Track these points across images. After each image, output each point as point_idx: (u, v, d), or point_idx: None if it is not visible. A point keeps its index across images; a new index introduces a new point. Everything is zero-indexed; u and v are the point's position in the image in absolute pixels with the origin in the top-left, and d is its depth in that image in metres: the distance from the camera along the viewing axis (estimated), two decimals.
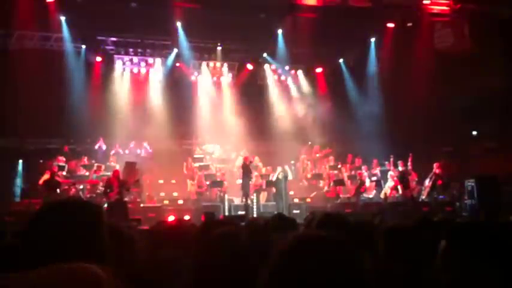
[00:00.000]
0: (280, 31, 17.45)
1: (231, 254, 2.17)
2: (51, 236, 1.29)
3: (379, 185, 15.34)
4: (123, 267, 1.42)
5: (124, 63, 17.92)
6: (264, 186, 15.16)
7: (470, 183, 13.46)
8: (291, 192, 15.60)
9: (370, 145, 16.84)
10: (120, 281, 1.27)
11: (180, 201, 14.91)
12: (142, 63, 18.22)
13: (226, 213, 13.47)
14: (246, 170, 14.24)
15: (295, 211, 13.62)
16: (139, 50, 17.71)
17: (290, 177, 14.89)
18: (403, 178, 14.02)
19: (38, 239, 1.29)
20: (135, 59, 17.98)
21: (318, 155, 17.70)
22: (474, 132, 18.45)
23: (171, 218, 11.16)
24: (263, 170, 15.86)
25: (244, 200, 14.08)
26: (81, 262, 1.03)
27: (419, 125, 16.95)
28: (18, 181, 14.89)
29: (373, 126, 16.90)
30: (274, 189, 14.73)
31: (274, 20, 16.56)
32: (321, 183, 16.25)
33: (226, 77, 19.15)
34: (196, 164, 16.15)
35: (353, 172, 16.34)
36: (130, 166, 13.74)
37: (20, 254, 1.33)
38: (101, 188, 13.84)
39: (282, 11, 15.57)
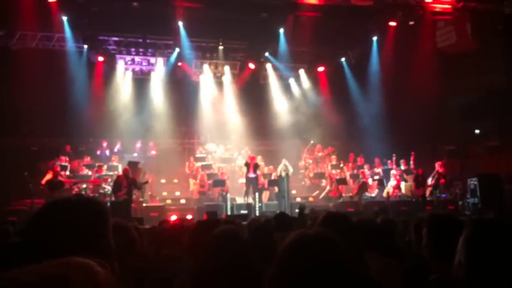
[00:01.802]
0: (282, 30, 17.42)
1: (231, 252, 2.17)
2: (54, 234, 1.28)
3: (381, 184, 15.34)
4: (128, 264, 1.42)
5: (126, 63, 17.93)
6: (266, 186, 15.17)
7: (472, 181, 13.44)
8: (293, 192, 15.61)
9: (372, 144, 16.83)
10: (117, 277, 1.27)
11: (183, 201, 14.95)
12: (144, 63, 18.23)
13: (229, 213, 13.47)
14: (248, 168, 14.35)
15: (297, 210, 13.60)
16: (141, 50, 17.72)
17: (291, 171, 14.89)
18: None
19: (41, 237, 1.28)
20: (137, 59, 17.98)
21: (320, 154, 17.69)
22: (477, 131, 18.42)
23: (173, 218, 11.19)
24: (265, 170, 15.87)
25: (248, 197, 14.17)
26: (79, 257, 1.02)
27: (421, 123, 16.93)
28: (21, 181, 14.89)
29: (375, 125, 16.89)
30: (276, 189, 14.75)
31: (276, 19, 16.55)
32: (323, 182, 16.24)
33: (228, 76, 19.15)
34: (199, 164, 16.16)
35: (355, 171, 16.33)
36: (132, 166, 13.77)
37: (23, 252, 1.33)
38: (103, 186, 13.87)
39: (284, 10, 15.56)
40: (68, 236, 1.28)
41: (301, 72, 19.74)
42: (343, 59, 19.36)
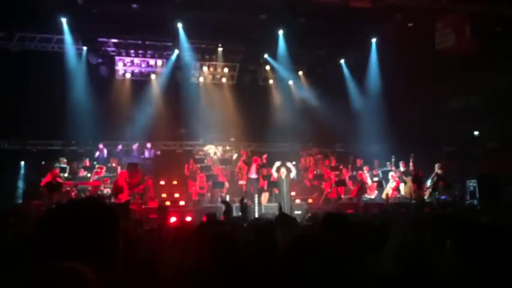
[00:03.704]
0: (281, 32, 17.45)
1: (228, 253, 2.17)
2: (64, 235, 1.28)
3: (380, 186, 15.33)
4: (127, 266, 1.42)
5: (125, 65, 17.93)
6: (265, 187, 15.15)
7: (472, 183, 13.45)
8: (293, 193, 15.59)
9: (371, 146, 16.84)
10: (108, 281, 1.27)
11: (182, 203, 14.92)
12: (144, 65, 18.23)
13: None
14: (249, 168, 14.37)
15: (296, 212, 13.61)
16: (140, 52, 17.72)
17: (293, 173, 14.80)
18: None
19: (53, 237, 1.28)
20: (136, 61, 17.99)
21: (317, 155, 17.67)
22: (476, 132, 18.42)
23: (173, 219, 11.17)
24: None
25: (248, 199, 14.15)
26: (80, 262, 1.02)
27: (420, 125, 16.94)
28: (20, 183, 14.89)
29: (375, 126, 16.90)
30: (275, 190, 14.72)
31: (275, 21, 16.56)
32: (323, 184, 16.23)
33: (228, 78, 19.15)
34: (198, 165, 16.16)
35: (354, 173, 16.33)
36: (132, 167, 13.76)
37: (32, 252, 1.33)
38: (102, 189, 13.86)
39: (283, 12, 15.58)
40: (77, 238, 1.28)
41: (301, 74, 19.76)
42: (342, 61, 19.38)
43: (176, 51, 17.66)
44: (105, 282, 1.08)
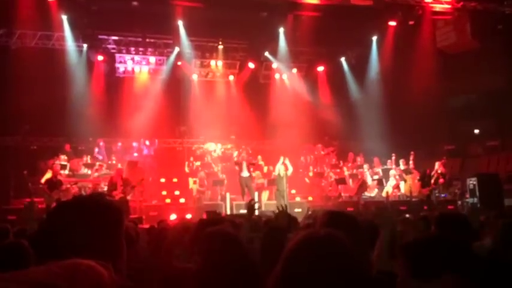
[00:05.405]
0: (281, 30, 17.42)
1: (229, 252, 2.17)
2: (68, 233, 1.28)
3: (380, 184, 15.32)
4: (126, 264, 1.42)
5: (125, 62, 17.91)
6: (266, 185, 15.15)
7: (472, 181, 13.43)
8: (293, 191, 15.59)
9: (372, 143, 16.83)
10: (121, 277, 1.27)
11: (182, 200, 14.93)
12: (144, 62, 18.21)
13: (228, 212, 13.46)
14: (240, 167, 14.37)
15: (296, 210, 13.60)
16: (140, 49, 17.70)
17: (290, 170, 14.75)
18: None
19: (57, 234, 1.28)
20: (137, 58, 17.97)
21: (322, 152, 17.66)
22: (476, 131, 18.43)
23: (173, 217, 11.20)
24: (265, 169, 15.85)
25: (245, 197, 14.14)
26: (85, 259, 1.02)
27: (421, 123, 16.94)
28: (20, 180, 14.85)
29: (375, 124, 16.89)
30: (274, 188, 14.72)
31: (276, 19, 16.54)
32: (324, 182, 16.23)
33: (228, 76, 19.14)
34: (198, 163, 16.16)
35: (355, 171, 16.31)
36: (132, 165, 13.78)
37: (37, 249, 1.33)
38: (103, 186, 13.86)
39: (284, 9, 15.56)
40: (82, 235, 1.27)
41: (301, 71, 19.73)
42: (342, 59, 19.36)
43: (176, 49, 17.63)
44: (117, 280, 1.08)
